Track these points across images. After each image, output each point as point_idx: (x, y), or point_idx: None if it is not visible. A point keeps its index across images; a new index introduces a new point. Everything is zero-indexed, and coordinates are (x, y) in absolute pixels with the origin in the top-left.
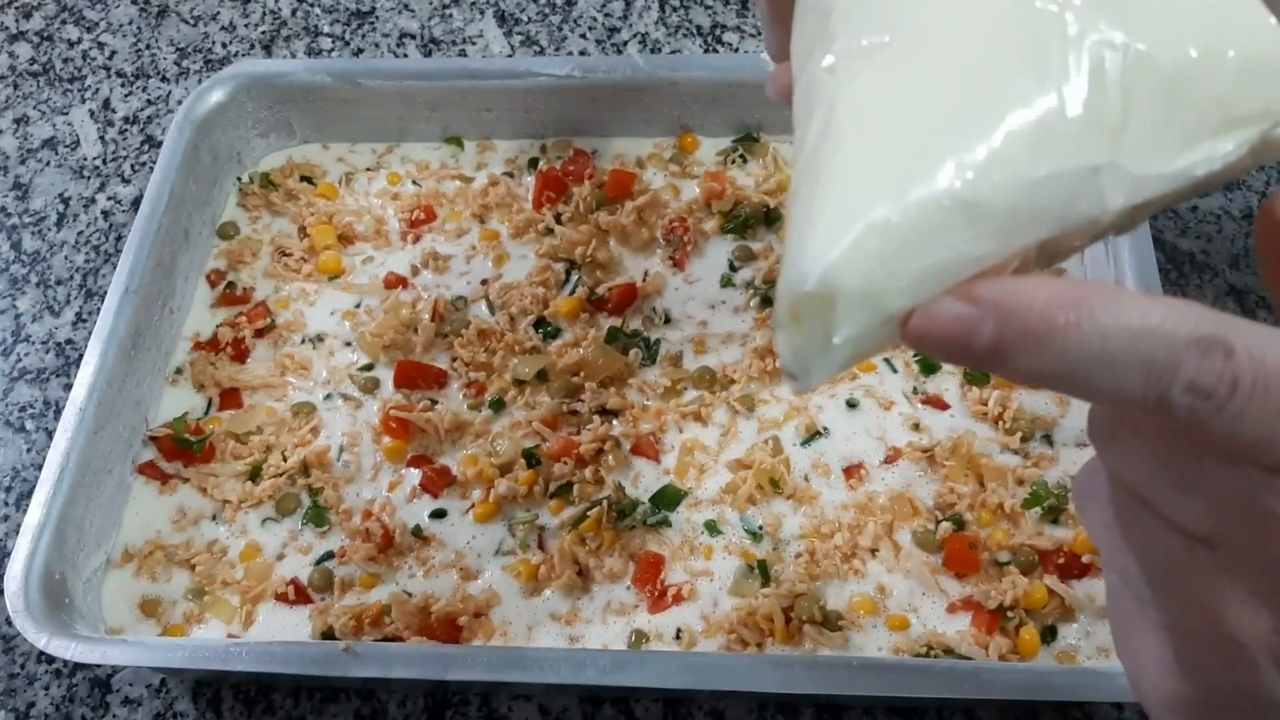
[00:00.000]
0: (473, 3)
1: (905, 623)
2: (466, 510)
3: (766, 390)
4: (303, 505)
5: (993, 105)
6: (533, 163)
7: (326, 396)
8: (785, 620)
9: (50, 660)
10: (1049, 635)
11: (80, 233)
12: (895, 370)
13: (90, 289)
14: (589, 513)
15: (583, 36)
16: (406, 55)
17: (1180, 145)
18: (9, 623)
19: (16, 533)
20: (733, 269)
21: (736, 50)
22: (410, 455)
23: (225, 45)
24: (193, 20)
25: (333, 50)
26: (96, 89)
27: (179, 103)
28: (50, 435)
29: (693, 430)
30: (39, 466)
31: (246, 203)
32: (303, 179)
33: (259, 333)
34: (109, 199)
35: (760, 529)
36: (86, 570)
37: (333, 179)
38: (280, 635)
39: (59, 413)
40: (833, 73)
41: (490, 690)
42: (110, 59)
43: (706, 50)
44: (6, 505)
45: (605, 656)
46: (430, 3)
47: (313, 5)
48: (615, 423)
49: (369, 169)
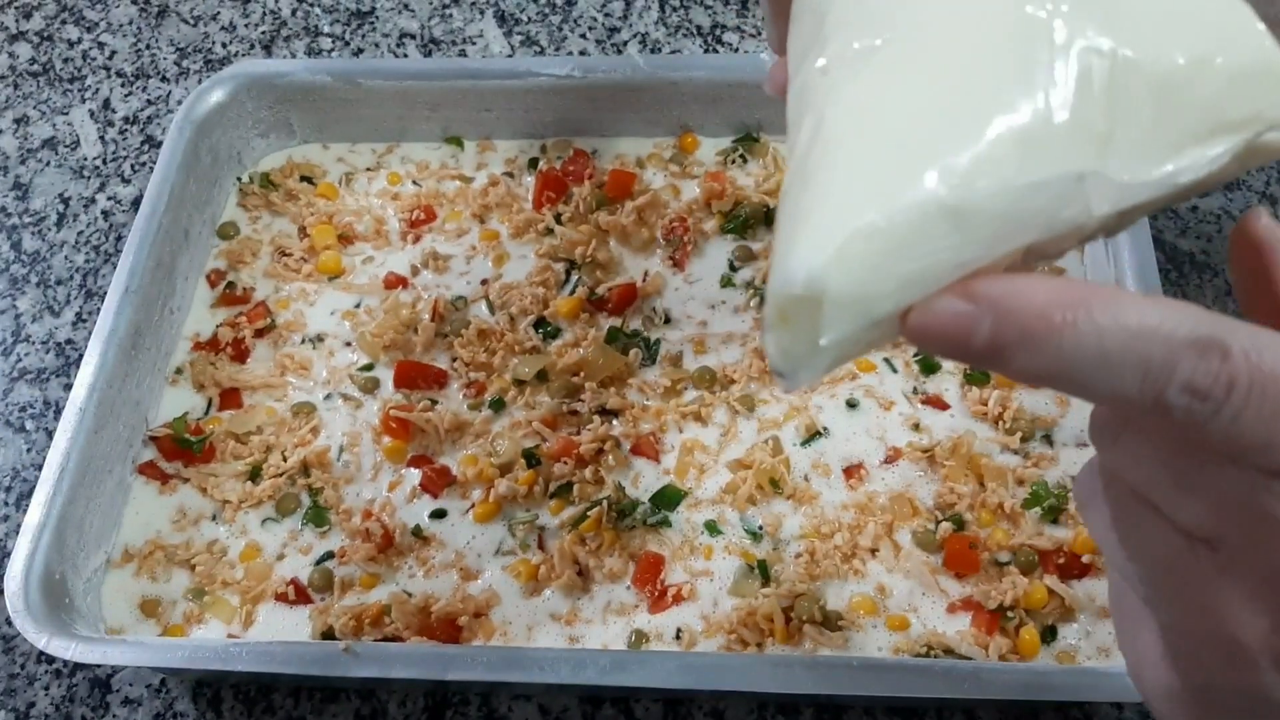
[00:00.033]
0: (473, 3)
1: (905, 623)
2: (466, 510)
3: (766, 390)
4: (303, 505)
5: (980, 112)
6: (533, 163)
7: (326, 396)
8: (785, 620)
9: (50, 660)
10: (1049, 635)
11: (80, 233)
12: (895, 370)
13: (90, 289)
14: (589, 513)
15: (583, 36)
16: (406, 55)
17: (1167, 151)
18: (9, 623)
19: (16, 533)
20: (733, 269)
21: (736, 50)
22: (410, 455)
23: (225, 45)
24: (193, 20)
25: (333, 50)
26: (96, 89)
27: (179, 103)
28: (50, 435)
29: (693, 430)
30: (39, 466)
31: (246, 203)
32: (303, 179)
33: (259, 333)
34: (109, 199)
35: (760, 529)
36: (86, 570)
37: (333, 179)
38: (280, 635)
39: (59, 413)
40: (825, 75)
41: (490, 690)
42: (110, 59)
43: (706, 50)
44: (6, 505)
45: (605, 656)
46: (430, 3)
47: (313, 5)
48: (615, 423)
49: (369, 169)
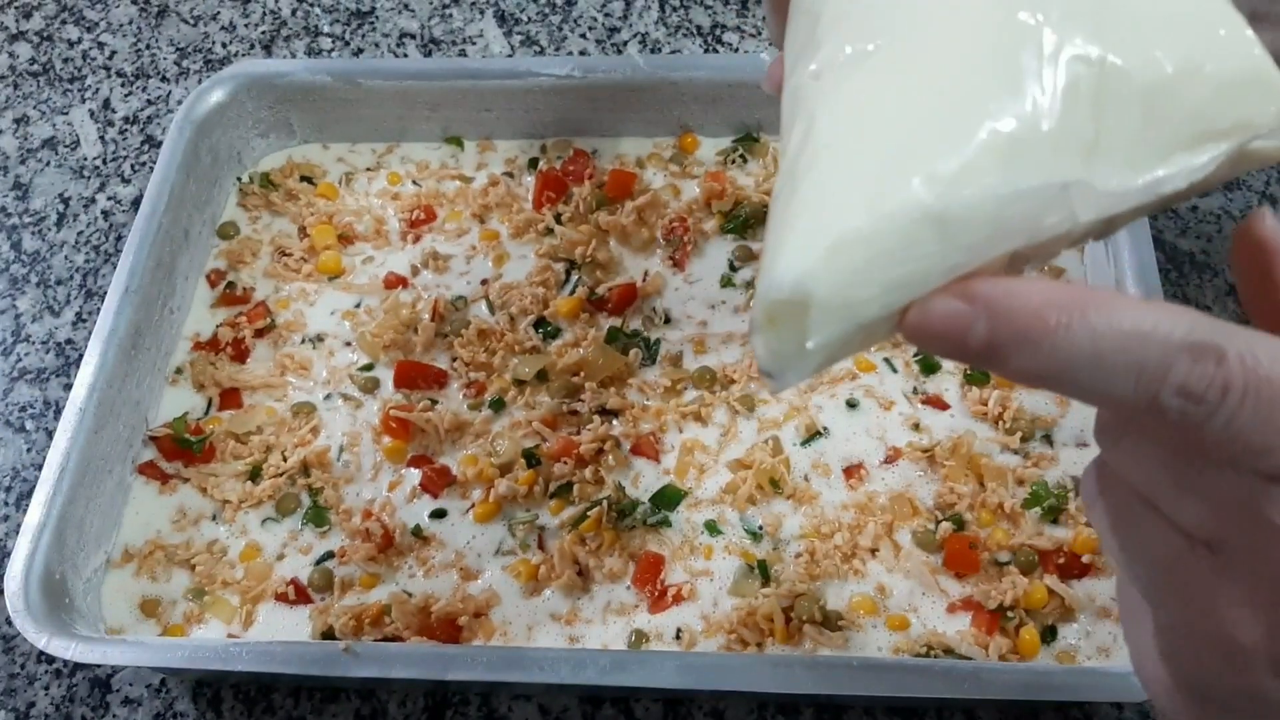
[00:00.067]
0: (473, 3)
1: (905, 623)
2: (466, 510)
3: (766, 390)
4: (303, 505)
5: (967, 119)
6: (533, 163)
7: (326, 396)
8: (785, 620)
9: (50, 660)
10: (1049, 635)
11: (80, 233)
12: (895, 370)
13: (90, 289)
14: (589, 513)
15: (583, 36)
16: (406, 55)
17: (1154, 158)
18: (9, 623)
19: (16, 533)
20: (733, 269)
21: (736, 50)
22: (410, 455)
23: (225, 45)
24: (193, 20)
25: (333, 50)
26: (96, 89)
27: (179, 103)
28: (50, 435)
29: (693, 430)
30: (39, 466)
31: (246, 203)
32: (303, 179)
33: (259, 333)
34: (109, 199)
35: (760, 529)
36: (86, 570)
37: (333, 179)
38: (280, 635)
39: (59, 413)
40: (817, 79)
41: (490, 690)
42: (110, 59)
43: (706, 50)
44: (6, 505)
45: (605, 656)
46: (430, 3)
47: (313, 5)
48: (615, 423)
49: (369, 169)
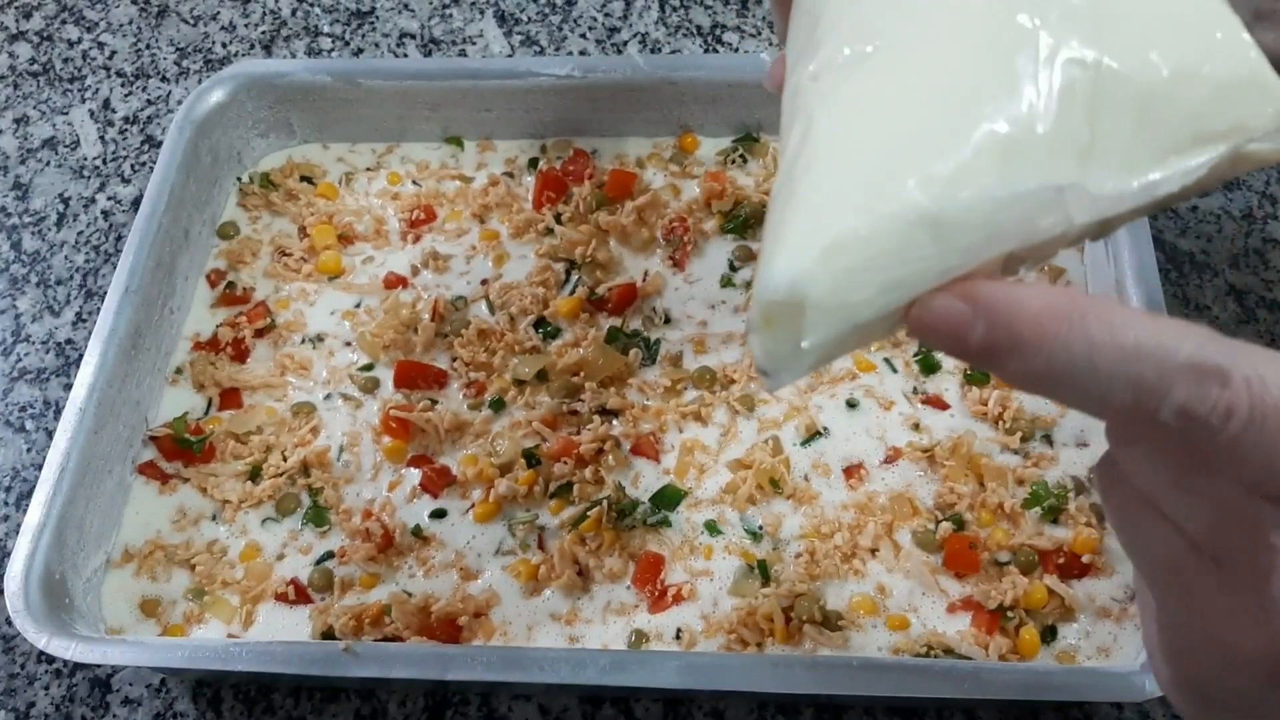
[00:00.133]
0: (473, 3)
1: (905, 623)
2: (466, 510)
3: (763, 388)
4: (303, 505)
5: (963, 123)
6: (533, 163)
7: (326, 396)
8: (785, 620)
9: (50, 660)
10: (1049, 635)
11: (80, 233)
12: (895, 370)
13: (90, 289)
14: (589, 513)
15: (583, 36)
16: (406, 55)
17: (1150, 161)
18: (9, 623)
19: (16, 533)
20: (733, 269)
21: (736, 50)
22: (410, 455)
23: (225, 45)
24: (193, 20)
25: (333, 50)
26: (96, 89)
27: (179, 103)
28: (50, 435)
29: (693, 430)
30: (39, 466)
31: (246, 203)
32: (303, 179)
33: (259, 333)
34: (109, 199)
35: (760, 529)
36: (86, 570)
37: (333, 179)
38: (280, 635)
39: (59, 413)
40: (815, 80)
41: (490, 690)
42: (110, 59)
43: (706, 50)
44: (6, 505)
45: (605, 656)
46: (430, 3)
47: (313, 5)
48: (615, 423)
49: (369, 169)
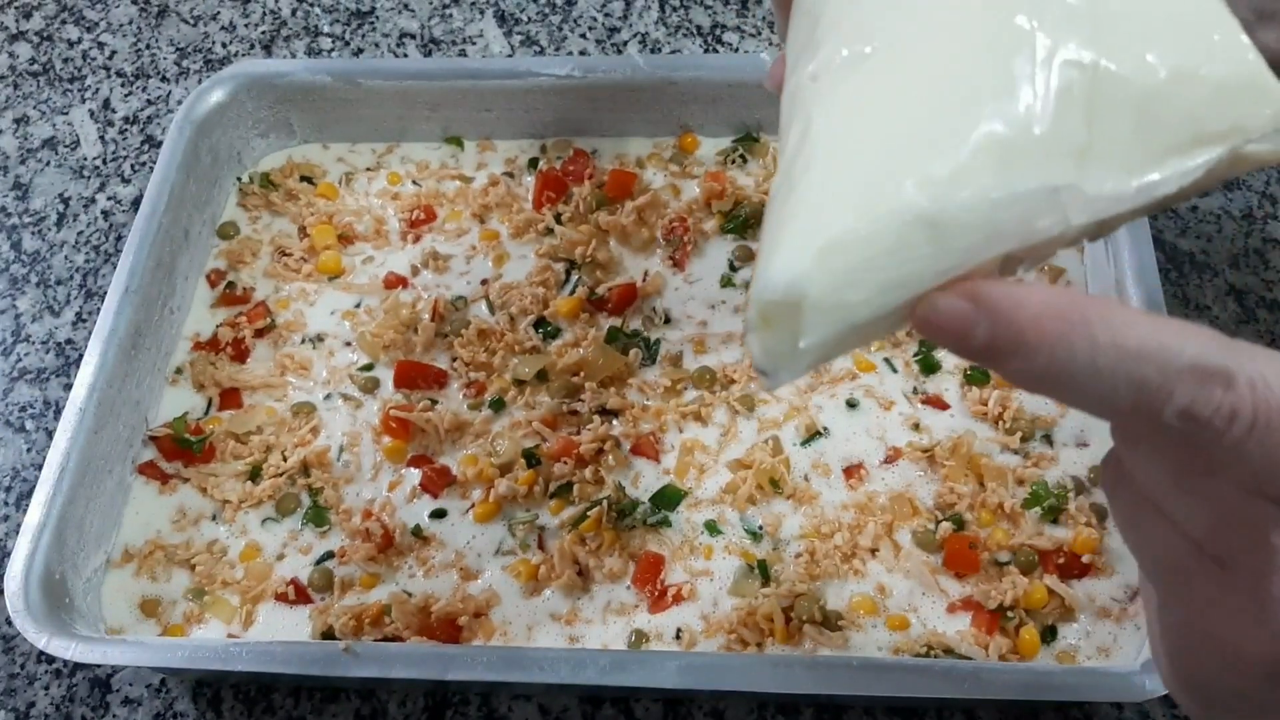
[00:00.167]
0: (473, 3)
1: (905, 623)
2: (466, 510)
3: (761, 387)
4: (303, 505)
5: (960, 124)
6: (533, 163)
7: (326, 396)
8: (785, 620)
9: (50, 660)
10: (1049, 635)
11: (80, 233)
12: (895, 370)
13: (90, 289)
14: (589, 513)
15: (583, 36)
16: (406, 55)
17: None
18: (9, 623)
19: (16, 533)
20: (733, 269)
21: (736, 50)
22: (410, 455)
23: (225, 45)
24: (193, 20)
25: (333, 50)
26: (96, 89)
27: (179, 103)
28: (50, 435)
29: (693, 430)
30: (39, 466)
31: (246, 203)
32: (303, 179)
33: (259, 333)
34: (109, 199)
35: (760, 529)
36: (86, 570)
37: (333, 179)
38: (280, 635)
39: (59, 413)
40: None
41: (490, 690)
42: (110, 59)
43: (706, 50)
44: (6, 505)
45: (605, 656)
46: (430, 3)
47: (313, 5)
48: (615, 423)
49: (369, 169)
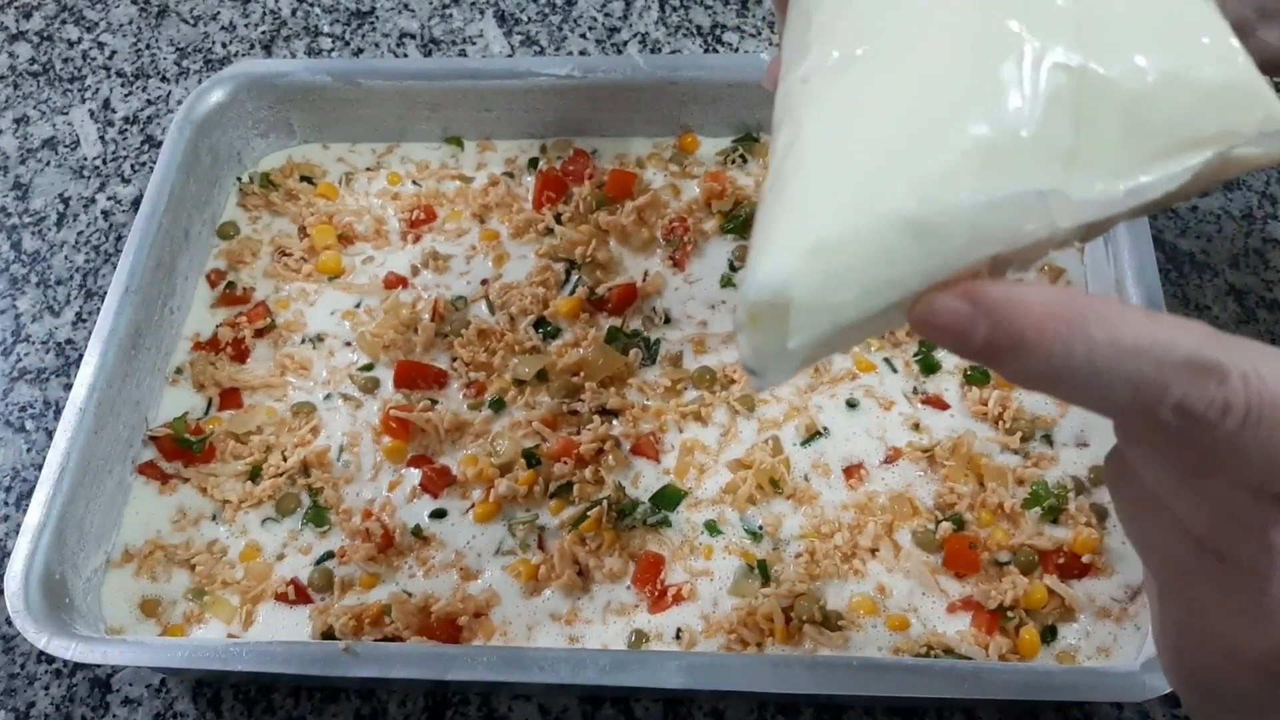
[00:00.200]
0: (473, 3)
1: (905, 623)
2: (466, 510)
3: (766, 390)
4: (303, 505)
5: (948, 127)
6: (533, 163)
7: (326, 396)
8: (785, 620)
9: (50, 660)
10: (1049, 635)
11: (80, 233)
12: (895, 370)
13: (90, 289)
14: (589, 513)
15: (583, 36)
16: (406, 55)
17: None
18: (9, 623)
19: (16, 533)
20: (733, 269)
21: (736, 50)
22: (410, 455)
23: (225, 45)
24: (193, 20)
25: (333, 50)
26: (96, 89)
27: (179, 103)
28: (50, 435)
29: (693, 430)
30: (39, 466)
31: (246, 203)
32: (303, 179)
33: (259, 333)
34: (109, 199)
35: (760, 529)
36: (86, 570)
37: (333, 179)
38: (280, 635)
39: (59, 413)
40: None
41: (490, 690)
42: (110, 59)
43: (706, 50)
44: (6, 505)
45: (605, 656)
46: (430, 3)
47: (313, 5)
48: (615, 423)
49: (369, 169)
